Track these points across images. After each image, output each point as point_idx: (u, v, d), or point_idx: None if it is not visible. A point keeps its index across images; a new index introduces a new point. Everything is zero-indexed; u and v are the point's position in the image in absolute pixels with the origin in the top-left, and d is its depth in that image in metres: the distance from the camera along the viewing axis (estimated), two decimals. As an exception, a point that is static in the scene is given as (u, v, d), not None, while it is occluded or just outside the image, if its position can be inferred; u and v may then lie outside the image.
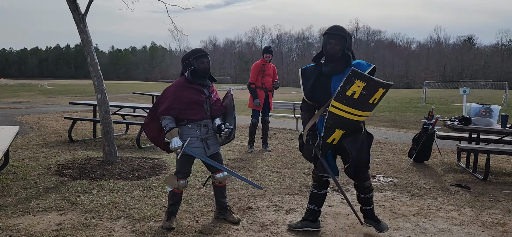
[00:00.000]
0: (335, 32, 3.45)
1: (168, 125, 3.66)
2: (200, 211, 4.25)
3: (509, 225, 4.18)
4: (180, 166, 3.81)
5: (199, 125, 3.78)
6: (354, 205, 3.99)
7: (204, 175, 5.62)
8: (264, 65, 7.69)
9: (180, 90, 3.74)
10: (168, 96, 3.72)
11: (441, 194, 5.30)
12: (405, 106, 22.63)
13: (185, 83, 3.78)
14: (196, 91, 3.77)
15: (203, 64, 3.78)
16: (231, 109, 3.93)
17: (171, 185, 3.82)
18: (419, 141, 7.13)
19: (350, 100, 3.28)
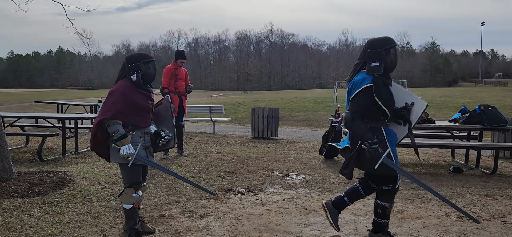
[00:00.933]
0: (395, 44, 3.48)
1: (119, 131, 3.39)
2: (109, 223, 4.02)
3: (407, 212, 4.55)
4: (133, 177, 3.55)
5: (143, 132, 3.60)
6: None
7: (115, 186, 5.35)
8: (176, 69, 7.55)
9: (128, 93, 3.48)
10: (116, 99, 3.43)
11: (347, 187, 5.59)
12: (319, 106, 23.71)
13: (132, 86, 3.52)
14: (144, 96, 3.58)
15: (150, 70, 3.59)
16: (169, 117, 3.82)
17: (129, 202, 3.54)
18: (328, 138, 7.50)
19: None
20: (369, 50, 3.44)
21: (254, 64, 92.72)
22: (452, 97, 26.64)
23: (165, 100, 3.91)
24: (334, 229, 3.87)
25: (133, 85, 3.52)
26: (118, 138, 3.38)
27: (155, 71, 3.65)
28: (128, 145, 3.40)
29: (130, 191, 3.53)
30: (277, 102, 25.76)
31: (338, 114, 7.51)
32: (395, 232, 3.90)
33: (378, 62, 3.38)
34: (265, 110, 10.97)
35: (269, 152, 8.45)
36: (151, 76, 3.60)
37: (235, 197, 5.06)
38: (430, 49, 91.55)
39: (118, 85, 3.51)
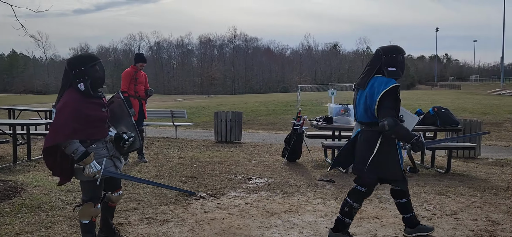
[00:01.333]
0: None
1: (78, 150, 3.07)
2: (62, 234, 3.86)
3: (366, 212, 4.64)
4: (94, 192, 3.29)
5: (104, 142, 3.33)
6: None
7: (70, 194, 5.15)
8: (136, 73, 7.39)
9: (80, 107, 3.09)
10: (67, 117, 3.04)
11: (309, 189, 5.67)
12: (282, 109, 23.93)
13: (82, 97, 3.13)
14: (96, 105, 3.21)
15: (98, 73, 3.20)
16: (125, 115, 3.54)
17: (87, 216, 3.28)
18: (290, 141, 7.56)
19: None
20: (385, 56, 3.60)
21: (218, 68, 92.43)
22: (410, 100, 27.59)
23: (117, 98, 3.60)
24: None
25: (83, 95, 3.13)
26: (79, 158, 3.08)
27: (104, 72, 3.29)
28: (92, 163, 3.13)
29: (89, 206, 3.26)
30: (241, 106, 25.78)
31: (300, 117, 7.59)
32: (354, 232, 3.97)
33: (394, 68, 3.56)
34: (228, 113, 10.93)
35: (232, 156, 8.42)
36: (100, 80, 3.23)
37: (197, 202, 4.99)
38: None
39: (67, 99, 3.10)
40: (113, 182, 3.54)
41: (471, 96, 34.28)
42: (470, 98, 30.13)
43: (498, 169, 7.30)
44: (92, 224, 3.34)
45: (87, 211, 3.27)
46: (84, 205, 3.29)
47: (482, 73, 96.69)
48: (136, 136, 3.49)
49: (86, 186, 3.29)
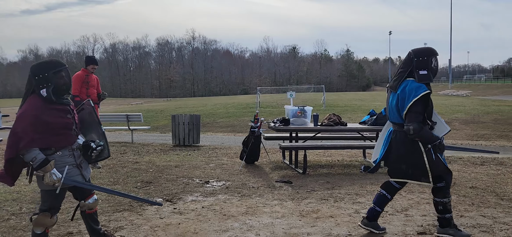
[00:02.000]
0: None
1: (37, 158, 2.97)
2: (7, 246, 3.66)
3: (322, 211, 4.73)
4: (53, 201, 3.18)
5: (70, 150, 3.22)
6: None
7: (15, 204, 4.90)
8: (87, 76, 7.16)
9: (41, 114, 3.00)
10: (26, 125, 2.96)
11: (267, 191, 5.70)
12: (242, 111, 23.92)
13: (44, 104, 3.05)
14: (60, 112, 3.13)
15: (63, 79, 3.12)
16: (95, 123, 3.47)
17: (41, 226, 3.17)
18: (248, 143, 7.58)
19: None
20: (416, 59, 3.63)
21: (177, 71, 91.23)
22: (366, 101, 28.47)
23: (87, 105, 3.52)
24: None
25: (45, 102, 3.06)
26: (38, 166, 2.99)
27: (70, 79, 3.21)
28: (53, 170, 3.03)
29: (45, 216, 3.16)
30: (200, 109, 25.56)
31: (257, 119, 7.62)
32: (309, 232, 4.03)
33: (426, 70, 3.60)
34: (186, 116, 10.80)
35: (189, 160, 8.32)
36: (65, 86, 3.15)
37: (152, 208, 4.88)
38: (345, 56, 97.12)
39: (27, 106, 3.03)
40: (83, 190, 3.44)
41: (422, 96, 35.76)
42: (421, 98, 31.44)
43: (446, 166, 7.65)
44: (44, 235, 3.24)
45: (42, 221, 3.18)
46: (40, 215, 3.19)
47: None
48: (105, 144, 3.42)
49: (45, 196, 3.20)
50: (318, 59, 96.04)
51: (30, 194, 5.39)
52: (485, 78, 74.68)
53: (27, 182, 5.90)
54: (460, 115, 18.01)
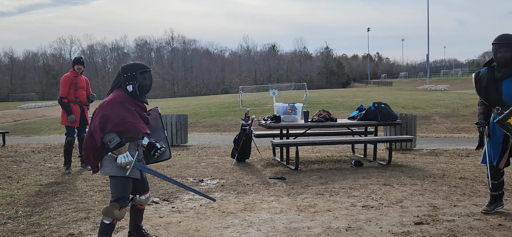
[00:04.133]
0: (503, 42, 3.84)
1: (113, 140, 3.23)
2: (8, 250, 3.61)
3: (318, 206, 4.81)
4: (121, 191, 3.34)
5: (136, 145, 3.44)
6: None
7: (10, 207, 4.81)
8: (75, 78, 7.05)
9: (127, 104, 3.35)
10: (118, 110, 3.27)
11: (262, 188, 5.76)
12: (225, 110, 23.88)
13: (128, 97, 3.40)
14: (140, 107, 3.49)
15: (146, 81, 3.46)
16: (159, 128, 3.72)
17: (110, 217, 3.31)
18: (239, 141, 7.61)
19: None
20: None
21: (156, 71, 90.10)
22: (347, 97, 28.80)
23: (154, 111, 3.78)
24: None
25: (129, 95, 3.40)
26: (114, 146, 3.23)
27: (151, 81, 3.55)
28: (126, 153, 3.27)
29: (114, 206, 3.32)
30: (183, 109, 25.40)
31: (248, 117, 7.66)
32: (309, 226, 4.10)
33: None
34: (173, 117, 10.76)
35: (180, 159, 8.30)
36: (147, 87, 3.48)
37: (150, 207, 4.88)
38: (324, 53, 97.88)
39: (114, 95, 3.38)
40: (140, 186, 3.62)
41: (402, 92, 36.52)
42: (401, 94, 32.07)
43: (433, 159, 7.86)
44: (111, 226, 3.39)
45: (111, 211, 3.33)
46: (110, 205, 3.37)
47: (411, 70, 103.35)
48: (167, 148, 3.67)
49: (114, 184, 3.37)
50: (298, 57, 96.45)
51: (25, 198, 5.30)
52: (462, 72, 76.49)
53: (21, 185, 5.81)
54: (440, 109, 18.44)
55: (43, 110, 33.32)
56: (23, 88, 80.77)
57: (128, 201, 3.45)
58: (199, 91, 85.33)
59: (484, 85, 4.08)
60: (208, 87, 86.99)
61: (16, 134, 16.43)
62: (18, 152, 9.39)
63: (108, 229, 3.38)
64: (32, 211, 4.74)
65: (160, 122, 3.78)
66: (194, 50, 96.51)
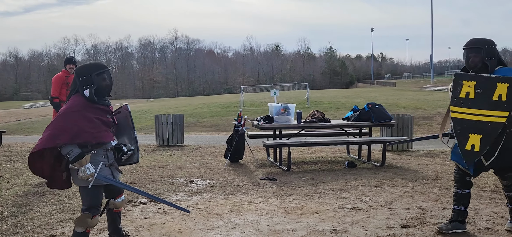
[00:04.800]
0: (472, 46, 3.63)
1: (73, 151, 3.06)
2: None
3: (306, 207, 4.75)
4: (92, 200, 3.24)
5: (105, 149, 3.30)
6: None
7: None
8: (67, 77, 7.03)
9: (85, 111, 3.15)
10: (70, 120, 3.09)
11: (252, 189, 5.71)
12: (226, 110, 23.85)
13: (86, 103, 3.20)
14: (101, 111, 3.27)
15: (105, 81, 3.27)
16: (129, 128, 3.55)
17: (82, 226, 3.21)
18: (232, 142, 7.57)
19: (467, 101, 3.35)
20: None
21: (160, 71, 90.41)
22: (349, 97, 28.69)
23: (124, 109, 3.64)
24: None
25: (88, 101, 3.20)
26: (74, 159, 3.07)
27: (111, 81, 3.36)
28: (87, 165, 3.11)
29: (86, 216, 3.22)
30: (184, 109, 25.40)
31: (241, 118, 7.62)
32: (294, 228, 4.05)
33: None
34: (170, 117, 10.73)
35: (174, 160, 8.27)
36: (107, 88, 3.30)
37: (136, 208, 4.84)
38: (328, 54, 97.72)
39: (71, 103, 3.20)
40: (114, 189, 3.52)
41: (405, 92, 36.34)
42: (404, 94, 31.91)
43: (429, 160, 7.78)
44: (85, 235, 3.29)
45: (83, 220, 3.24)
46: (81, 214, 3.27)
47: (414, 70, 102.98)
48: (136, 150, 3.52)
49: (83, 195, 3.28)
50: (301, 57, 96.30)
51: (12, 198, 5.29)
52: (465, 73, 76.04)
53: (10, 185, 5.81)
54: (442, 110, 18.30)
55: (47, 109, 33.44)
56: (28, 88, 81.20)
57: (100, 209, 3.35)
58: (202, 91, 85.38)
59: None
60: (211, 87, 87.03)
61: (17, 133, 16.49)
62: (14, 152, 9.39)
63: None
64: (18, 211, 4.72)
65: (130, 122, 3.62)
66: (198, 50, 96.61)
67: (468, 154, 3.42)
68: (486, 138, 3.36)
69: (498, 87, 3.30)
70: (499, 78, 3.32)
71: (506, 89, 3.29)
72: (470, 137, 3.37)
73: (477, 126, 3.36)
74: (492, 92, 3.31)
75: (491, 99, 3.32)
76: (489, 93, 3.32)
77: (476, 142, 3.36)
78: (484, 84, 3.34)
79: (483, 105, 3.34)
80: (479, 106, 3.34)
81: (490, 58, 3.58)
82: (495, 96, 3.31)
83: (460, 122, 3.40)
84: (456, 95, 3.40)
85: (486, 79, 3.36)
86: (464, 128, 3.39)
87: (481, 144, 3.36)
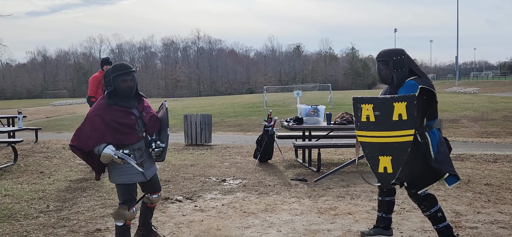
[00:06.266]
0: (380, 59, 3.55)
1: (100, 149, 3.21)
2: (40, 242, 3.80)
3: (339, 209, 4.83)
4: (126, 194, 3.39)
5: (132, 149, 3.34)
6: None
7: (42, 202, 5.04)
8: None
9: (103, 114, 3.22)
10: (95, 123, 3.20)
11: (283, 189, 5.81)
12: (249, 110, 24.02)
13: (107, 105, 3.26)
14: (123, 113, 3.29)
15: (125, 83, 3.26)
16: (165, 125, 3.55)
17: (122, 219, 3.37)
18: (262, 142, 7.69)
19: (369, 125, 3.24)
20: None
21: (183, 70, 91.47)
22: (372, 99, 28.45)
23: (163, 106, 3.67)
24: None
25: (108, 102, 3.27)
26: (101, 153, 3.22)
27: (134, 81, 3.33)
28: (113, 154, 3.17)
29: (122, 208, 3.37)
30: (208, 108, 25.70)
31: (271, 118, 7.73)
32: (329, 228, 4.13)
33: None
34: (198, 116, 10.94)
35: (204, 159, 8.44)
36: (128, 89, 3.29)
37: (173, 205, 5.02)
38: (350, 54, 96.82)
39: (94, 106, 3.30)
40: (151, 185, 3.63)
41: (429, 94, 35.62)
42: (429, 96, 31.34)
43: (459, 164, 7.71)
44: (125, 227, 3.42)
45: (121, 213, 3.38)
46: (118, 208, 3.42)
47: (439, 72, 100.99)
48: (165, 149, 3.49)
49: (119, 189, 3.43)
50: (323, 58, 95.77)
51: (55, 193, 5.54)
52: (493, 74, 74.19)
53: (52, 180, 6.08)
54: (468, 113, 17.99)
55: (74, 107, 34.37)
56: (55, 86, 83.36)
57: (135, 202, 3.48)
58: (224, 90, 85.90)
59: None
60: (233, 86, 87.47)
61: (48, 130, 17.05)
62: (50, 148, 9.74)
63: (123, 230, 3.42)
64: (62, 205, 4.95)
65: (166, 119, 3.60)
66: (220, 50, 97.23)
67: (382, 177, 3.29)
68: (397, 159, 3.20)
69: (396, 107, 3.15)
70: (394, 98, 3.19)
71: (405, 107, 3.13)
72: (380, 159, 3.23)
73: (385, 148, 3.21)
74: (391, 112, 3.16)
75: (391, 120, 3.17)
76: (388, 114, 3.17)
77: (388, 164, 3.22)
78: (381, 105, 3.20)
79: (385, 127, 3.19)
80: (382, 128, 3.20)
81: (398, 70, 3.42)
82: (395, 116, 3.16)
83: (367, 146, 3.29)
84: (358, 119, 3.29)
85: (382, 100, 3.22)
86: (373, 151, 3.27)
87: (393, 166, 3.21)
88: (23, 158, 8.19)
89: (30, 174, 6.80)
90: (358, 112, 3.28)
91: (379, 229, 3.89)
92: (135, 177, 3.38)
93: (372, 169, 3.31)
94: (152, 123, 3.50)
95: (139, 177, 3.41)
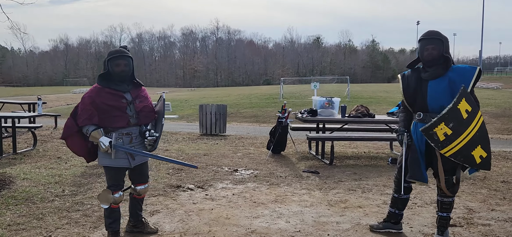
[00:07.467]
0: (432, 37, 3.47)
1: (89, 129, 3.30)
2: (54, 225, 3.91)
3: (349, 202, 4.81)
4: (112, 179, 3.47)
5: (120, 134, 3.39)
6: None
7: (58, 186, 5.17)
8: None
9: (96, 96, 3.32)
10: (86, 104, 3.31)
11: (295, 180, 5.82)
12: (266, 102, 24.02)
13: (100, 87, 3.36)
14: (114, 96, 3.36)
15: (119, 67, 3.34)
16: (160, 115, 3.59)
17: (106, 202, 3.44)
18: (275, 134, 7.70)
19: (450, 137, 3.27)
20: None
21: (201, 61, 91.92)
22: (391, 93, 28.08)
23: (161, 98, 3.70)
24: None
25: (102, 85, 3.36)
26: (90, 135, 3.30)
27: (128, 66, 3.39)
28: (100, 139, 3.27)
29: (106, 192, 3.44)
30: (224, 99, 25.80)
31: (285, 110, 7.72)
32: (338, 221, 4.13)
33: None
34: (213, 106, 11.00)
35: (217, 149, 8.51)
36: (122, 73, 3.36)
37: (185, 193, 5.08)
38: (370, 47, 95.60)
39: (89, 90, 3.42)
40: (137, 175, 3.65)
41: (450, 89, 34.94)
42: (449, 91, 30.74)
43: (475, 160, 7.58)
44: (111, 210, 3.49)
45: (105, 196, 3.44)
46: (102, 191, 3.47)
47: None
48: (157, 139, 3.51)
49: (106, 172, 3.51)
50: (342, 50, 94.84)
51: (71, 178, 5.67)
52: (517, 70, 72.19)
53: (68, 166, 6.22)
54: (490, 109, 17.60)
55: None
56: (76, 73, 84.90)
57: (120, 187, 3.52)
58: (242, 81, 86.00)
59: (413, 86, 3.60)
60: (250, 78, 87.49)
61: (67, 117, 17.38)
62: (68, 135, 9.98)
63: (109, 212, 3.49)
64: (77, 190, 5.07)
65: (163, 109, 3.63)
66: (238, 41, 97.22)
67: (483, 164, 3.40)
68: (484, 141, 3.39)
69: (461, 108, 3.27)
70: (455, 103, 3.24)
71: (466, 102, 3.29)
72: (474, 153, 3.35)
73: (471, 143, 3.31)
74: (460, 115, 3.27)
75: (464, 119, 3.28)
76: (459, 119, 3.27)
77: (481, 152, 3.38)
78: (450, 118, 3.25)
79: (463, 128, 3.29)
80: (461, 131, 3.28)
81: (448, 53, 3.48)
82: (464, 114, 3.28)
83: (458, 154, 3.31)
84: (437, 142, 3.29)
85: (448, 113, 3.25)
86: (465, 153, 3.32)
87: (484, 149, 3.39)
88: (42, 143, 8.40)
89: (48, 159, 6.98)
90: (434, 136, 3.28)
91: (389, 224, 3.87)
92: (120, 162, 3.41)
93: (471, 166, 3.38)
94: (145, 113, 3.50)
95: (123, 162, 3.44)
